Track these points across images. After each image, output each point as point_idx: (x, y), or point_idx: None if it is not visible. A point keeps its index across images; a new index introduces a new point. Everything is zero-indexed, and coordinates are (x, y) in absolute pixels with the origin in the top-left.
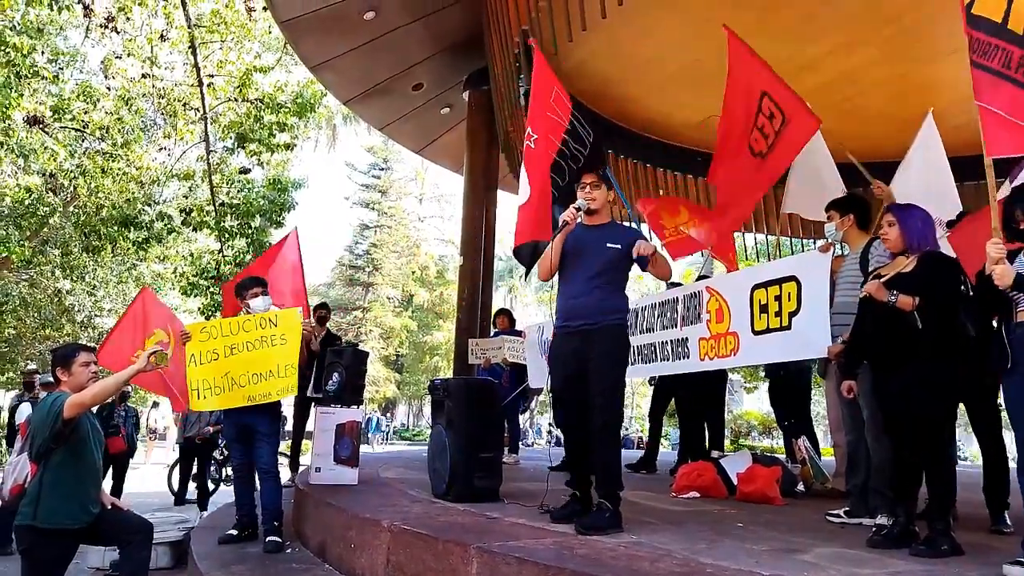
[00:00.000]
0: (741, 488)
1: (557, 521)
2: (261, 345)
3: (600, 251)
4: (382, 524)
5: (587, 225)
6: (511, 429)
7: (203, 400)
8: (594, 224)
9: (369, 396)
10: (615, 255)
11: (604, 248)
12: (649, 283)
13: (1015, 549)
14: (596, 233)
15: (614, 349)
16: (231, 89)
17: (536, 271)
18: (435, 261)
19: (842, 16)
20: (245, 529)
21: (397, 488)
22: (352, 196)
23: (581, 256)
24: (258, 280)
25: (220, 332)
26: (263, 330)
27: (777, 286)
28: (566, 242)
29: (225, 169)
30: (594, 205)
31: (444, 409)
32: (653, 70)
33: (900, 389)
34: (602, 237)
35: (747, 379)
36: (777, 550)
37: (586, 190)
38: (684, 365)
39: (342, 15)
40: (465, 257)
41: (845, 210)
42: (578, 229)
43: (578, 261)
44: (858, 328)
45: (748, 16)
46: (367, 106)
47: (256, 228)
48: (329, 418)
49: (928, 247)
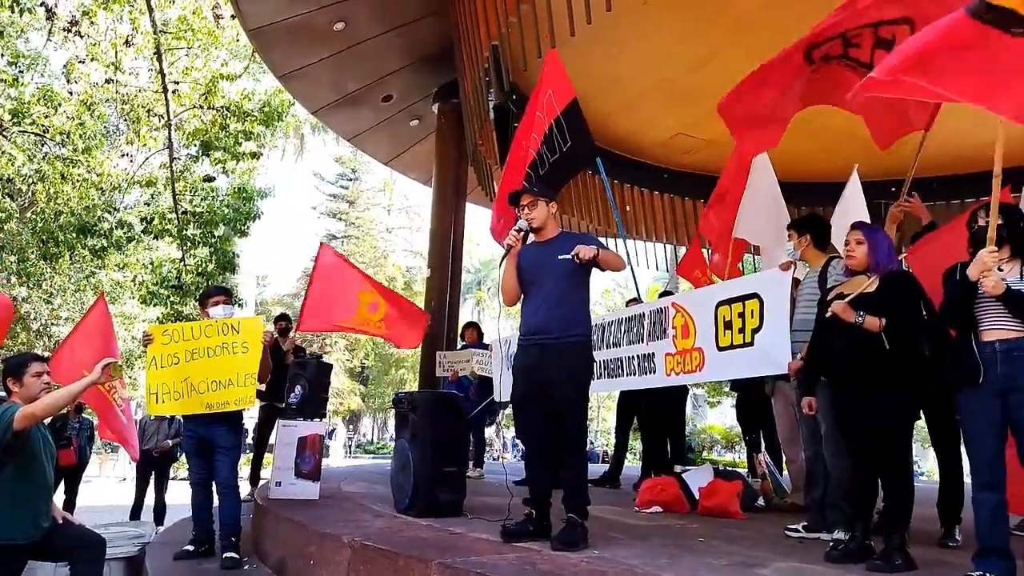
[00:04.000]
0: (703, 503)
1: (508, 538)
2: (222, 352)
3: (552, 266)
4: (343, 540)
5: (539, 242)
6: (476, 443)
7: (161, 405)
8: (545, 240)
9: (333, 408)
10: (566, 267)
11: (555, 262)
12: (617, 299)
13: (967, 563)
14: (547, 249)
15: (574, 365)
16: (196, 96)
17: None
18: (403, 272)
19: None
20: (202, 545)
21: (359, 503)
22: (320, 206)
23: (536, 274)
24: (222, 289)
25: (182, 336)
26: (225, 336)
27: (741, 303)
28: (521, 263)
29: (189, 177)
30: (534, 223)
31: (408, 423)
32: (622, 88)
33: (863, 408)
34: (553, 251)
35: (711, 394)
36: (737, 564)
37: (524, 211)
38: (651, 380)
39: (311, 25)
40: (433, 269)
41: (803, 230)
42: (532, 248)
43: (534, 279)
44: (815, 344)
45: (720, 35)
46: (336, 116)
47: (220, 237)
48: (291, 431)
49: (892, 268)
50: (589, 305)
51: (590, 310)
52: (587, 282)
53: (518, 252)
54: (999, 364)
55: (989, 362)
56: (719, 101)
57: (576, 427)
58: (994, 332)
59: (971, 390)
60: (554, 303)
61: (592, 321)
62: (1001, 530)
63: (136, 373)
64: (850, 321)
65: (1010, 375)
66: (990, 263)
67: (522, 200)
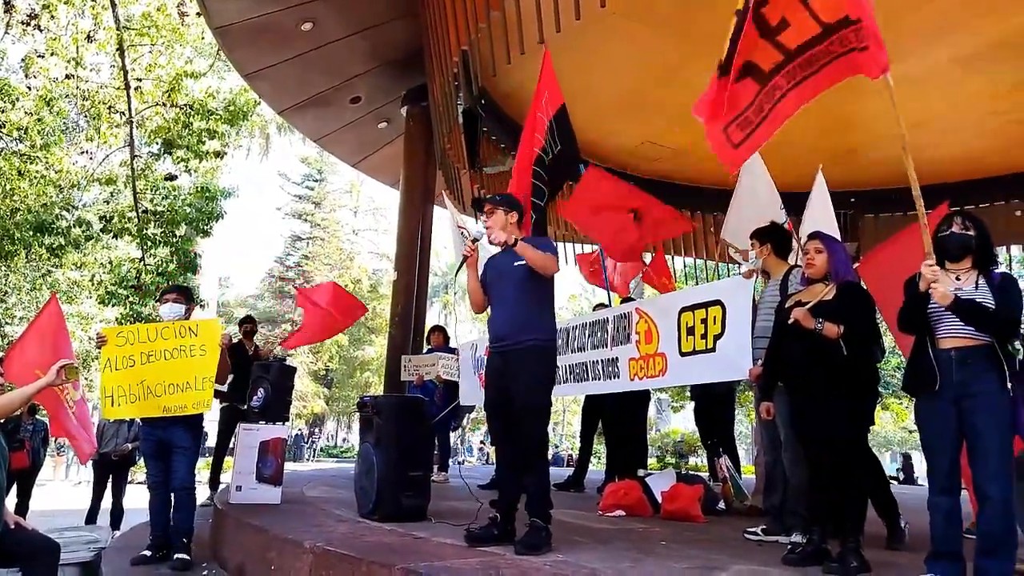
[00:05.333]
0: (665, 506)
1: (472, 542)
2: (179, 355)
3: (511, 272)
4: (304, 545)
5: (502, 251)
6: (441, 447)
7: (117, 408)
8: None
9: (296, 411)
10: (522, 272)
11: (513, 268)
12: (584, 304)
13: (920, 565)
14: (507, 256)
15: (533, 370)
16: (160, 93)
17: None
18: (369, 275)
19: None
20: (160, 549)
21: (322, 508)
22: (285, 207)
23: (498, 281)
24: (178, 288)
25: (137, 338)
26: (182, 339)
27: (703, 309)
28: (486, 271)
29: (150, 175)
30: (491, 235)
31: (373, 427)
32: (589, 97)
33: (820, 415)
34: (511, 258)
35: (674, 399)
36: (697, 567)
37: (483, 219)
38: (615, 384)
39: (278, 25)
40: (399, 272)
41: (764, 239)
42: (496, 256)
43: (496, 287)
44: (773, 351)
45: (687, 48)
46: (303, 117)
47: (181, 237)
48: (252, 435)
49: (848, 278)
50: (551, 309)
51: (552, 314)
52: (545, 287)
53: (474, 262)
54: (954, 371)
55: (945, 369)
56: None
57: (536, 431)
58: (949, 340)
59: (928, 397)
60: (512, 309)
61: (557, 325)
62: (954, 534)
63: (92, 375)
64: (810, 328)
65: (964, 382)
66: (928, 275)
67: (486, 208)
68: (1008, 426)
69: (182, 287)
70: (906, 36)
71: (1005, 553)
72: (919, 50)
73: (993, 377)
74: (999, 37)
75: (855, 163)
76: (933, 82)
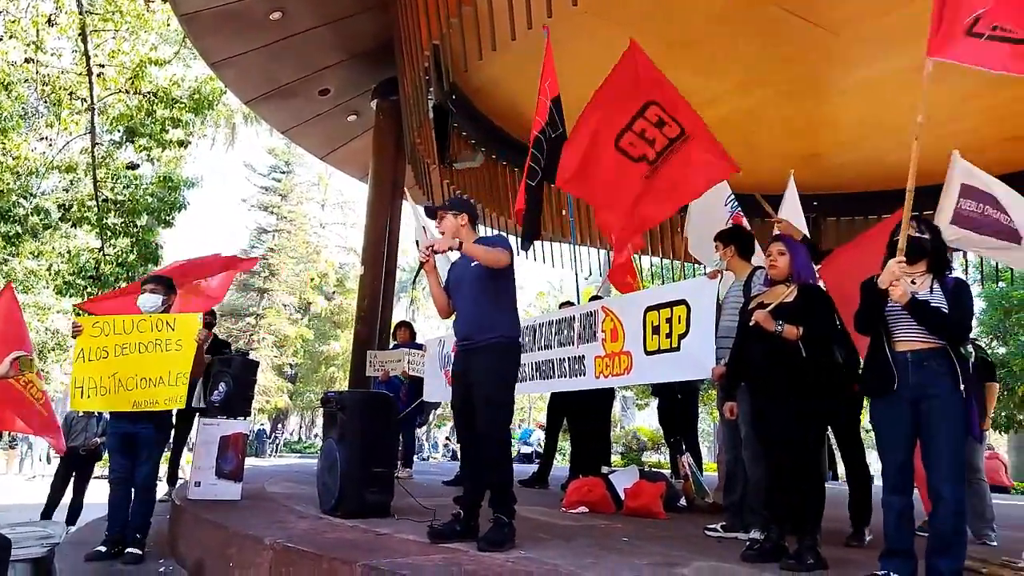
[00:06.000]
0: (628, 503)
1: (435, 538)
2: (155, 349)
3: (468, 273)
4: (264, 541)
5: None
6: (406, 443)
7: (86, 400)
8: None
9: (259, 406)
10: (477, 273)
11: (470, 269)
12: (551, 301)
13: (875, 563)
14: (465, 258)
15: (494, 367)
16: (123, 80)
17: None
18: (335, 269)
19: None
20: (116, 545)
21: (283, 504)
22: (250, 198)
23: (458, 283)
24: (157, 278)
25: (113, 329)
26: (159, 333)
27: (669, 309)
28: (449, 276)
29: (111, 163)
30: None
31: (337, 422)
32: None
33: (780, 416)
34: (468, 259)
35: (639, 396)
36: (658, 564)
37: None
38: (580, 382)
39: (246, 13)
40: (366, 266)
41: (728, 241)
42: (458, 260)
43: (456, 289)
44: (736, 351)
45: (656, 49)
46: (270, 108)
47: (142, 227)
48: (212, 430)
49: (809, 279)
50: (512, 307)
51: (514, 311)
52: (503, 285)
53: (432, 267)
54: (911, 373)
55: (902, 371)
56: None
57: (498, 428)
58: (906, 343)
59: (885, 398)
60: (473, 309)
61: (521, 323)
62: (906, 533)
63: (49, 366)
64: (771, 330)
65: (920, 384)
66: (898, 272)
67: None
68: (961, 428)
69: (161, 277)
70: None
71: (956, 552)
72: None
73: (948, 380)
74: None
75: (819, 167)
76: (894, 88)
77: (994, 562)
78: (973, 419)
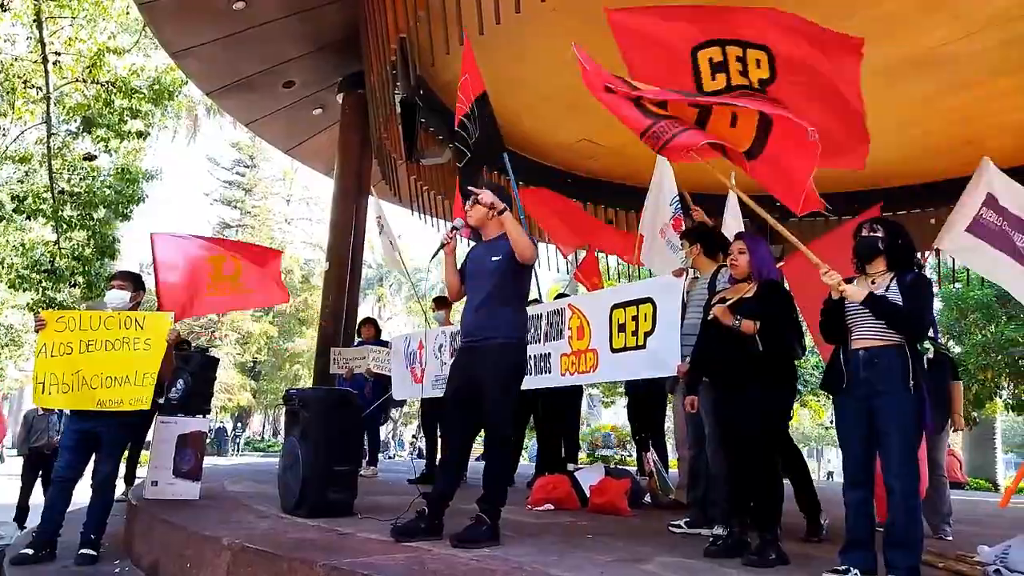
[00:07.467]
0: (593, 500)
1: (399, 537)
2: (121, 347)
3: (486, 266)
4: (222, 541)
5: (485, 242)
6: (371, 441)
7: (48, 396)
8: (487, 240)
9: (222, 404)
10: (497, 267)
11: (489, 263)
12: None
13: (834, 558)
14: (485, 249)
15: (501, 367)
16: (80, 69)
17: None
18: (300, 265)
19: None
20: (44, 548)
21: (243, 503)
22: (213, 192)
23: (475, 274)
24: (126, 273)
25: (78, 325)
26: (126, 331)
27: (635, 307)
28: (466, 262)
29: (67, 154)
30: (471, 222)
31: (299, 420)
32: (527, 90)
33: (739, 409)
34: (488, 252)
35: (605, 394)
36: (622, 560)
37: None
38: (546, 380)
39: (209, 2)
40: (332, 263)
41: (693, 240)
42: (477, 248)
43: (473, 280)
44: (700, 347)
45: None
46: (232, 99)
47: (99, 220)
48: (170, 428)
49: (770, 276)
50: (522, 306)
51: (524, 310)
52: (519, 284)
53: (453, 249)
54: (862, 370)
55: (853, 369)
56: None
57: (502, 425)
58: (860, 341)
59: (841, 395)
60: (483, 306)
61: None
62: (864, 525)
63: (3, 362)
64: (728, 324)
65: (870, 381)
66: (827, 282)
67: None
68: (913, 424)
69: (129, 272)
70: None
71: (911, 545)
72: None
73: (898, 376)
74: (911, 54)
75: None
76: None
77: (949, 556)
78: (926, 415)
